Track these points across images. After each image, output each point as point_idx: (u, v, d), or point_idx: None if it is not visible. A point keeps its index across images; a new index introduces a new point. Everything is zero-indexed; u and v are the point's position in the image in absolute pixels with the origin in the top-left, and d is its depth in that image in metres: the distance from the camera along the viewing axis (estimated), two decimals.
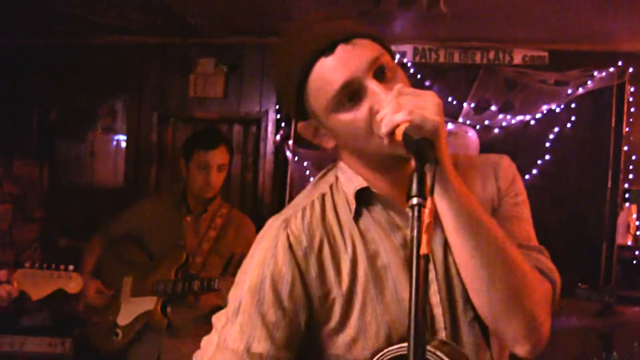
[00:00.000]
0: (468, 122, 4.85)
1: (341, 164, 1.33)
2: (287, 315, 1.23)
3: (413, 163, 0.97)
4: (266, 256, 1.24)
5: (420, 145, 0.98)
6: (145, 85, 5.21)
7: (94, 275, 3.01)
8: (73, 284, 2.81)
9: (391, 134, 1.05)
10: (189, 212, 3.12)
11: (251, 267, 1.26)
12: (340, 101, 1.14)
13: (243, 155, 5.08)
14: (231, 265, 3.10)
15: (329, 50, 1.14)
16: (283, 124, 4.98)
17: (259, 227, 1.35)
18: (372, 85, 1.13)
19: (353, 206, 1.26)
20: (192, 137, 3.19)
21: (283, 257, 1.23)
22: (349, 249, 1.24)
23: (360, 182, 1.26)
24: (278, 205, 4.85)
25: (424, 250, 0.89)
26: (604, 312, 3.49)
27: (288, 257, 1.23)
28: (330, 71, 1.14)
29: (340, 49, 1.14)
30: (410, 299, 0.89)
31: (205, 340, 1.32)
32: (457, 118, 4.84)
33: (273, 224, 1.29)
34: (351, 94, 1.13)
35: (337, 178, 1.33)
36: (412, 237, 0.90)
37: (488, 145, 4.76)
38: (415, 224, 0.90)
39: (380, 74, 1.15)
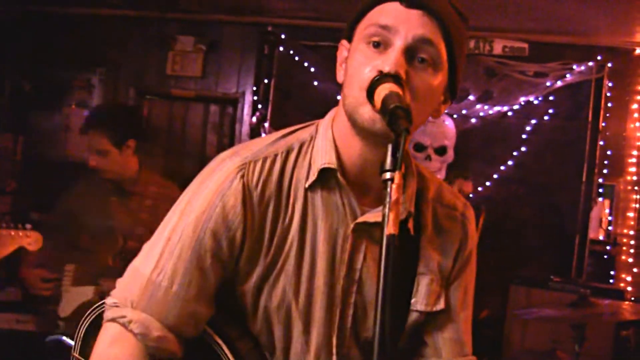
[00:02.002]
0: (446, 110, 4.82)
1: (323, 128, 1.26)
2: (218, 263, 1.19)
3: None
4: (216, 195, 1.18)
5: (394, 113, 0.96)
6: (123, 59, 5.17)
7: (37, 265, 2.91)
8: (32, 241, 2.73)
9: (371, 93, 1.04)
10: (116, 193, 3.01)
11: (199, 196, 1.20)
12: (371, 37, 1.13)
13: (219, 136, 5.05)
14: None
15: (410, 4, 1.12)
16: (260, 106, 4.95)
17: None
18: (399, 51, 1.11)
19: (312, 179, 1.20)
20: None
21: (233, 203, 1.17)
22: (287, 219, 1.21)
23: (331, 160, 1.20)
24: None
25: (389, 230, 0.86)
26: (578, 303, 3.49)
27: (239, 205, 1.17)
28: (392, 11, 1.13)
29: (417, 13, 1.12)
30: (378, 282, 0.85)
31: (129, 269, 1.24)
32: None
33: (228, 163, 1.21)
34: (383, 40, 1.12)
35: (312, 138, 1.26)
36: (382, 214, 0.87)
37: (465, 134, 4.75)
38: (387, 200, 0.87)
39: (413, 54, 1.12)
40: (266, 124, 4.87)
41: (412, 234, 1.25)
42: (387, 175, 0.89)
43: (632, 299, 4.77)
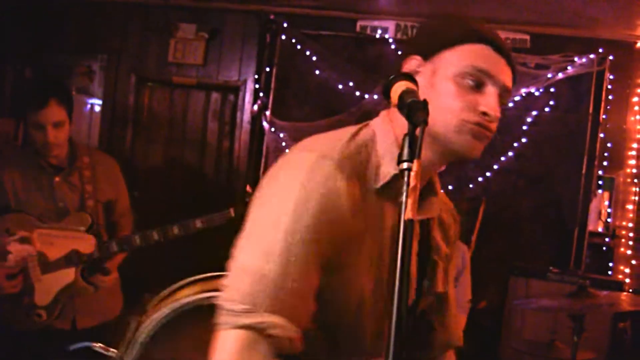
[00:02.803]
0: None
1: (383, 132, 1.31)
2: (323, 259, 1.20)
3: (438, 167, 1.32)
4: (325, 194, 1.18)
5: (412, 106, 1.01)
6: (124, 46, 5.16)
7: None
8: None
9: (387, 95, 1.09)
10: (56, 171, 2.87)
11: (306, 194, 1.17)
12: (468, 75, 1.26)
13: (220, 123, 5.04)
14: (116, 214, 2.97)
15: (496, 49, 1.29)
16: (261, 94, 4.95)
17: (229, 195, 1.29)
18: (493, 90, 1.27)
19: (384, 180, 1.25)
20: (23, 98, 2.94)
21: (343, 202, 1.19)
22: (362, 218, 1.24)
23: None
24: (253, 175, 4.83)
25: (408, 215, 0.91)
26: (577, 293, 3.49)
27: (347, 203, 1.19)
28: (487, 56, 1.28)
29: (503, 60, 1.30)
30: (396, 264, 0.90)
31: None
32: None
33: (326, 162, 1.20)
34: (478, 80, 1.26)
35: (372, 142, 1.30)
36: (400, 201, 0.92)
37: None
38: (405, 188, 0.93)
39: (501, 100, 1.30)
40: (267, 112, 4.87)
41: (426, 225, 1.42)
42: (405, 165, 0.95)
43: (630, 290, 4.78)
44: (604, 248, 4.90)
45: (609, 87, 4.88)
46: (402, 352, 0.89)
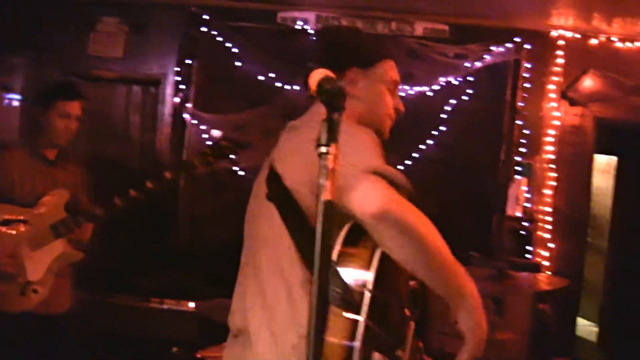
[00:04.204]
0: None
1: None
2: None
3: None
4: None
5: (330, 93, 1.09)
6: (46, 41, 5.05)
7: None
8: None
9: (306, 83, 1.18)
10: (49, 162, 3.19)
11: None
12: (392, 84, 1.78)
13: (142, 116, 5.02)
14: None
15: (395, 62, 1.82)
16: (183, 87, 4.94)
17: None
18: (397, 93, 1.83)
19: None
20: (55, 88, 3.30)
21: None
22: None
23: None
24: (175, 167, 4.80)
25: (326, 196, 0.97)
26: (496, 276, 3.60)
27: None
28: (395, 69, 1.81)
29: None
30: (317, 244, 0.97)
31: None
32: None
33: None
34: (395, 88, 1.80)
35: None
36: (318, 184, 0.99)
37: None
38: (322, 171, 1.00)
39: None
40: (189, 105, 4.86)
41: None
42: (323, 149, 1.02)
43: (549, 272, 4.94)
44: (523, 232, 5.04)
45: (526, 75, 5.01)
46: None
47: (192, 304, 4.13)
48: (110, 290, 4.24)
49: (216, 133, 4.01)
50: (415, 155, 4.92)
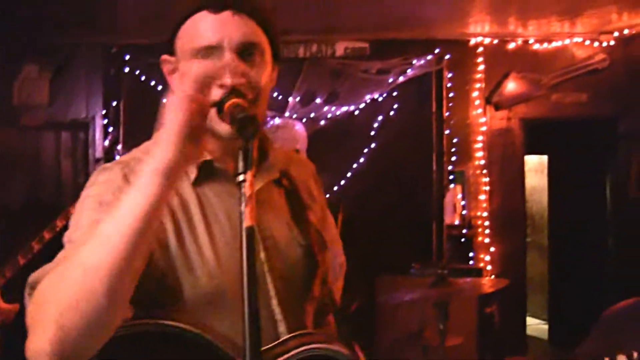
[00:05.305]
0: (295, 115, 4.95)
1: None
2: None
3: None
4: None
5: (242, 121, 1.06)
6: None
7: None
8: None
9: (221, 106, 1.14)
10: None
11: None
12: (199, 52, 1.22)
13: (73, 161, 5.01)
14: None
15: (217, 9, 1.22)
16: (111, 129, 4.95)
17: None
18: (229, 56, 1.21)
19: (193, 175, 1.28)
20: None
21: None
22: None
23: (204, 155, 1.28)
24: None
25: (247, 222, 0.97)
26: (437, 283, 3.66)
27: None
28: (207, 26, 1.22)
29: (227, 14, 1.22)
30: (242, 271, 0.96)
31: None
32: (283, 112, 4.93)
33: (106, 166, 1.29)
34: (210, 55, 1.21)
35: None
36: (239, 211, 0.98)
37: (316, 136, 4.86)
38: (242, 198, 0.99)
39: (246, 53, 1.23)
40: (119, 147, 4.88)
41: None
42: (241, 177, 1.01)
43: (492, 276, 5.01)
44: (463, 239, 5.11)
45: (449, 84, 5.11)
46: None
47: None
48: None
49: None
50: (348, 174, 4.97)
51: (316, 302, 1.41)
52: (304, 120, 4.95)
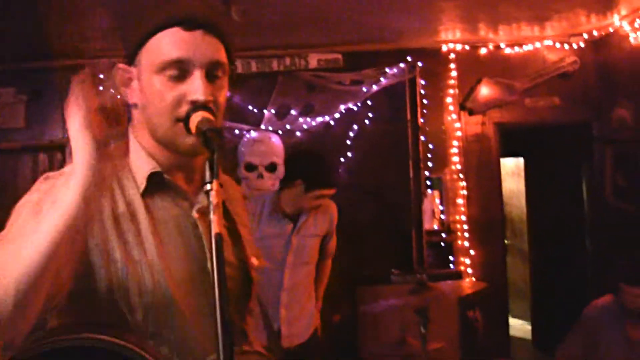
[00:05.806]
0: (270, 128, 4.98)
1: (133, 144, 1.37)
2: None
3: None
4: None
5: (207, 134, 1.15)
6: None
7: None
8: None
9: (187, 121, 1.23)
10: None
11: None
12: (166, 68, 1.25)
13: None
14: None
15: (189, 27, 1.27)
16: None
17: None
18: (198, 74, 1.26)
19: (143, 186, 1.33)
20: None
21: None
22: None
23: (154, 166, 1.34)
24: None
25: (215, 229, 1.03)
26: (417, 289, 3.68)
27: None
28: (178, 42, 1.26)
29: (198, 33, 1.27)
30: (213, 279, 1.01)
31: None
32: (259, 125, 4.96)
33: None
34: (180, 71, 1.25)
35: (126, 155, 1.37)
36: (208, 220, 1.05)
37: (292, 148, 4.89)
38: (210, 207, 1.06)
39: (211, 75, 1.29)
40: None
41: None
42: (208, 186, 1.07)
43: (473, 279, 5.05)
44: (442, 244, 5.15)
45: (423, 92, 5.15)
46: None
47: None
48: None
49: None
50: None
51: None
52: (280, 132, 4.99)
